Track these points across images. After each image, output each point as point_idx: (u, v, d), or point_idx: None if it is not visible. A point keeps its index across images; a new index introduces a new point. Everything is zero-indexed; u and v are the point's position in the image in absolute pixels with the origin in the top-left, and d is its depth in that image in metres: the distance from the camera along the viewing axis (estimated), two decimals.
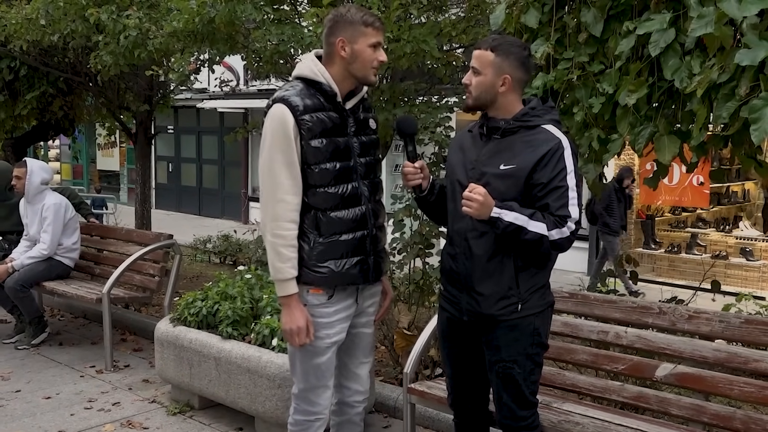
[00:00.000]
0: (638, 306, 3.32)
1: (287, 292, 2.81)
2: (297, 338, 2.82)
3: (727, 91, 2.91)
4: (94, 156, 22.16)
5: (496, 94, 2.74)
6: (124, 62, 5.85)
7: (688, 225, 11.90)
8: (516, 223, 2.59)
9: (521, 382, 2.76)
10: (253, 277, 4.63)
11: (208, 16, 4.90)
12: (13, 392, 4.96)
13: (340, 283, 2.87)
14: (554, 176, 2.63)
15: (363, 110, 2.99)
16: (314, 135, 2.78)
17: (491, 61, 2.72)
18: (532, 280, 2.74)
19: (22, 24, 6.24)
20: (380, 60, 2.85)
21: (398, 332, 4.98)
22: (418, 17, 4.99)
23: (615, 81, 3.36)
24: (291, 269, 2.79)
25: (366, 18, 2.81)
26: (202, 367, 4.34)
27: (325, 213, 2.83)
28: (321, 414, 2.98)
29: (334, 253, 2.84)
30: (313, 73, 2.84)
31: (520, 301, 2.71)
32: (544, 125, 2.72)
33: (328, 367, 2.94)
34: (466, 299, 2.80)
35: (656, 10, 3.18)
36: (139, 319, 6.45)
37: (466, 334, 2.89)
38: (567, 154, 2.66)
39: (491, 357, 2.80)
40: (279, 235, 2.78)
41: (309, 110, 2.78)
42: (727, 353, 3.06)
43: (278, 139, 2.76)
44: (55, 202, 5.92)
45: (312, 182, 2.81)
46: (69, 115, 8.88)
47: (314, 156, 2.79)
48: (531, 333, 2.74)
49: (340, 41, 2.80)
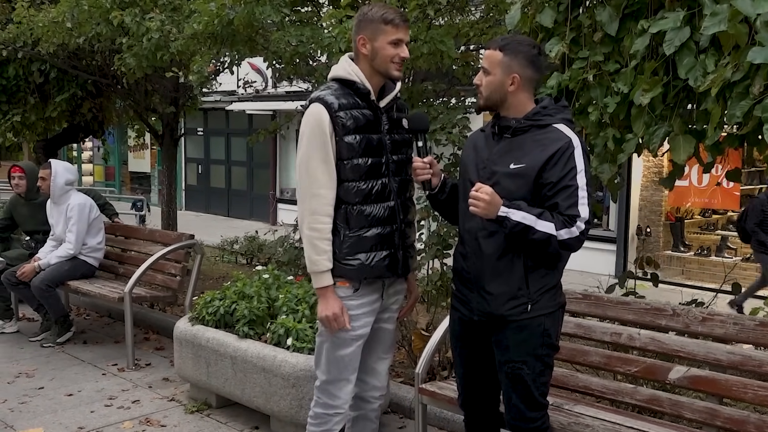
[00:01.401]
0: (652, 308, 3.28)
1: (323, 283, 2.90)
2: (334, 324, 2.90)
3: (741, 89, 2.88)
4: (125, 158, 22.46)
5: (506, 94, 2.74)
6: (147, 64, 5.92)
7: (718, 227, 11.71)
8: (524, 223, 2.58)
9: (530, 383, 2.74)
10: (270, 277, 4.66)
11: (228, 17, 4.95)
12: (36, 389, 5.04)
13: (369, 276, 2.95)
14: (564, 175, 2.61)
15: (397, 110, 3.07)
16: (348, 131, 2.87)
17: (500, 61, 2.72)
18: (543, 280, 2.71)
19: (49, 27, 6.35)
20: (401, 56, 2.92)
21: (416, 333, 4.97)
22: (436, 18, 4.98)
23: (630, 80, 3.34)
24: (326, 261, 2.88)
25: (386, 15, 2.87)
26: (219, 366, 4.37)
27: (354, 207, 2.91)
28: (340, 408, 3.04)
29: (363, 246, 2.92)
30: (347, 73, 2.94)
31: (529, 302, 2.69)
32: (556, 124, 2.69)
33: (352, 360, 3.00)
34: (476, 299, 2.80)
35: (671, 9, 3.15)
36: (162, 318, 6.52)
37: (477, 334, 2.88)
38: (577, 154, 2.63)
39: (500, 357, 2.79)
40: (315, 228, 2.87)
41: (344, 108, 2.88)
42: (742, 356, 3.00)
43: (315, 136, 2.86)
44: (80, 202, 6.02)
45: (344, 177, 2.89)
46: (98, 117, 9.03)
47: (348, 151, 2.88)
48: (541, 334, 2.72)
49: (361, 39, 2.90)
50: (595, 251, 11.57)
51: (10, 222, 6.67)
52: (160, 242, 6.17)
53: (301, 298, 4.36)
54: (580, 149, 2.65)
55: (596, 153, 3.60)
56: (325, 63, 5.53)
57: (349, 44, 4.69)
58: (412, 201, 3.13)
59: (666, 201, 11.40)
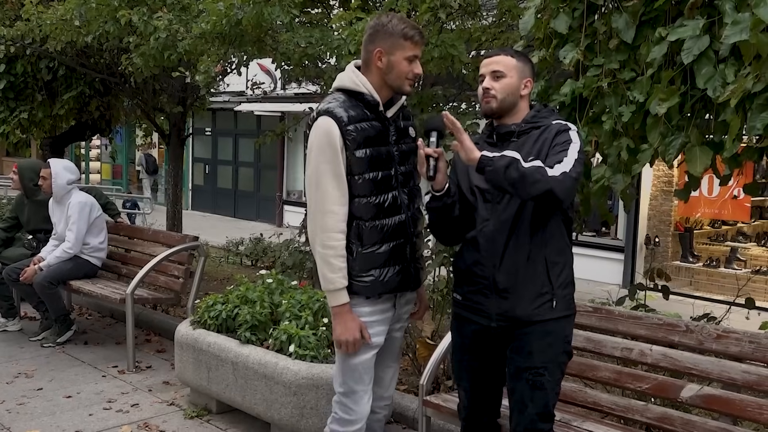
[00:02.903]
0: (664, 323, 3.19)
1: (339, 302, 2.83)
2: (351, 348, 2.84)
3: (762, 101, 2.79)
4: (133, 157, 22.44)
5: (519, 97, 2.79)
6: (154, 64, 5.86)
7: (727, 239, 11.59)
8: (508, 155, 2.54)
9: (549, 390, 2.69)
10: (273, 281, 4.59)
11: (236, 18, 4.88)
12: (35, 390, 4.98)
13: (382, 291, 2.89)
14: (558, 143, 2.66)
15: (403, 118, 3.00)
16: (359, 145, 2.80)
17: (515, 65, 2.79)
18: (563, 274, 2.72)
19: (58, 24, 6.30)
20: (416, 73, 2.88)
21: (421, 341, 4.89)
22: (447, 22, 4.91)
23: (646, 89, 3.25)
24: (342, 279, 2.81)
25: (406, 31, 2.82)
26: (220, 371, 4.30)
27: (367, 223, 2.84)
28: (357, 423, 2.96)
29: (376, 262, 2.86)
30: (355, 83, 2.87)
31: (554, 298, 2.68)
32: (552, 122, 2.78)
33: (366, 369, 2.93)
34: (495, 304, 2.73)
35: (690, 17, 3.06)
36: (163, 320, 6.46)
37: (492, 344, 2.81)
38: (573, 133, 2.69)
39: (522, 363, 2.71)
40: (329, 246, 2.79)
41: (353, 121, 2.80)
42: (758, 376, 2.91)
43: (325, 150, 2.78)
44: (80, 201, 5.97)
45: (355, 192, 2.83)
46: (106, 116, 8.99)
47: (358, 166, 2.81)
48: (563, 339, 2.73)
49: (378, 51, 2.83)
50: (603, 260, 11.48)
51: (17, 221, 6.63)
52: (164, 243, 6.12)
53: (305, 304, 4.28)
54: (577, 134, 2.70)
55: (609, 163, 3.52)
56: (334, 65, 5.46)
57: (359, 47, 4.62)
58: (420, 212, 3.07)
59: (675, 211, 11.29)
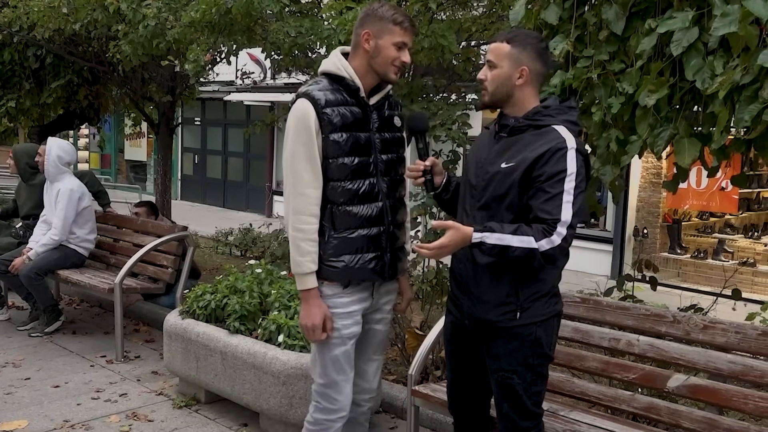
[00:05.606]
0: (651, 314, 3.21)
1: (306, 286, 2.82)
2: (312, 335, 2.83)
3: (750, 93, 2.79)
4: (122, 146, 22.33)
5: (513, 88, 2.63)
6: (143, 52, 5.81)
7: (715, 230, 11.66)
8: (500, 244, 2.46)
9: (522, 392, 2.64)
10: (263, 271, 4.58)
11: (225, 6, 4.85)
12: (23, 380, 4.96)
13: (354, 279, 2.86)
14: (550, 176, 2.48)
15: (388, 107, 2.98)
16: (335, 128, 2.78)
17: (507, 53, 2.62)
18: (534, 287, 2.60)
19: (45, 12, 6.24)
20: (403, 60, 2.85)
21: (410, 331, 4.90)
22: (437, 12, 4.90)
23: (635, 80, 3.25)
24: (310, 263, 2.80)
25: (396, 16, 2.81)
26: (209, 361, 4.30)
27: (340, 207, 2.82)
28: (342, 411, 2.94)
29: (349, 248, 2.83)
30: (337, 68, 2.85)
31: (518, 309, 2.59)
32: (555, 125, 2.57)
33: (347, 359, 2.92)
34: (467, 303, 2.72)
35: (679, 8, 3.06)
36: (152, 310, 6.44)
37: (468, 340, 2.80)
38: (570, 156, 2.49)
39: (491, 365, 2.71)
40: (299, 229, 2.79)
41: (331, 104, 2.79)
42: (743, 366, 2.93)
43: (300, 132, 2.77)
44: (71, 188, 5.93)
45: (330, 176, 2.80)
46: (94, 105, 8.91)
47: (334, 150, 2.78)
48: (532, 343, 2.61)
49: (366, 34, 2.82)
50: (591, 251, 11.52)
51: (16, 205, 6.64)
52: (153, 233, 6.10)
53: (294, 294, 4.27)
54: (575, 151, 2.51)
55: (598, 154, 3.52)
56: (324, 55, 5.44)
57: (349, 36, 4.60)
58: (402, 202, 3.03)
59: (664, 202, 11.34)
